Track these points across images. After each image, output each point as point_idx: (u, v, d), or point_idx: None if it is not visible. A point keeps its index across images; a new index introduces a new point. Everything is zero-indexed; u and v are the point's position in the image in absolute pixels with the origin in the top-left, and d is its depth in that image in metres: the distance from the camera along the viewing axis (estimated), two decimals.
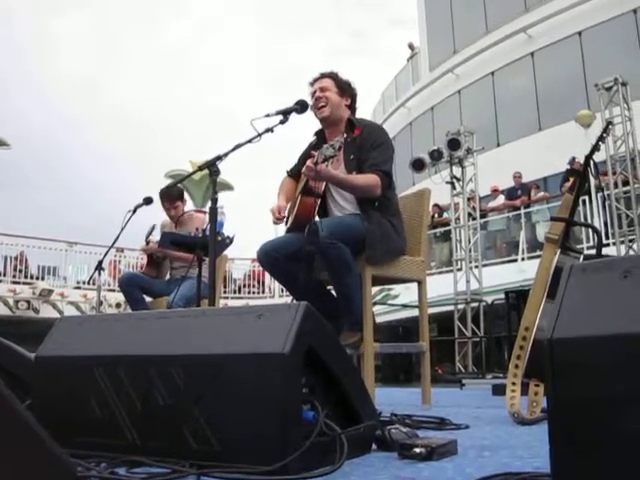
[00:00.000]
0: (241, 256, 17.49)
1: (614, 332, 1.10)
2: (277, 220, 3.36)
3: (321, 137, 3.49)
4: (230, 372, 1.54)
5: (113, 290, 13.71)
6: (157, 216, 5.38)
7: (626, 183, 8.62)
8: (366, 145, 3.29)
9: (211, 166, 2.70)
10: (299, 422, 1.51)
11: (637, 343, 1.07)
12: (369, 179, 3.20)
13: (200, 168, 2.83)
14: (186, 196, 5.43)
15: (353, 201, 3.33)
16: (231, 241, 3.73)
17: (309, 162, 3.05)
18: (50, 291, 15.09)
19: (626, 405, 1.06)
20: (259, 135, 2.73)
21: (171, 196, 5.05)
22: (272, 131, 2.77)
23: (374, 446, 1.86)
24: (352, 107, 3.51)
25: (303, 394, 1.58)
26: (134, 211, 4.68)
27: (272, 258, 3.26)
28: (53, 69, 67.37)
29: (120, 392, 1.69)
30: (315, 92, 3.42)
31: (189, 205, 5.32)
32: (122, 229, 4.74)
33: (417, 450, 1.67)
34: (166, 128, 68.07)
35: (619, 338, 1.09)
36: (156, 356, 1.68)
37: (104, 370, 1.73)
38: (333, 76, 3.47)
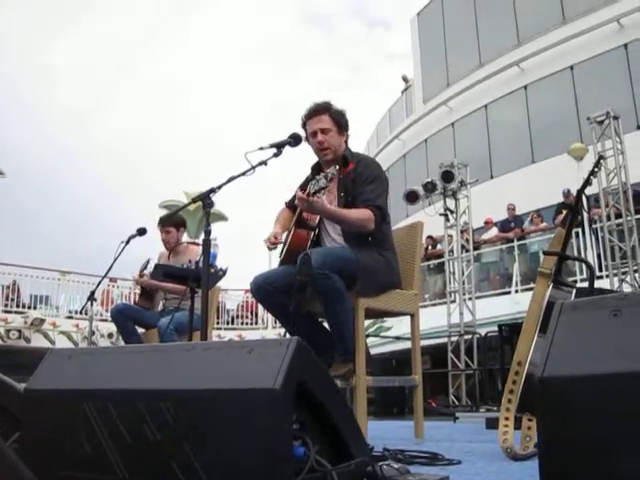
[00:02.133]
0: (234, 287, 17.47)
1: (604, 371, 1.10)
2: (272, 245, 3.34)
3: (317, 171, 3.43)
4: (220, 407, 1.53)
5: (105, 320, 13.59)
6: (150, 247, 5.41)
7: (619, 216, 8.67)
8: (360, 179, 3.29)
9: (205, 198, 2.71)
10: (290, 458, 1.50)
11: (626, 382, 1.07)
12: (362, 214, 3.18)
13: (194, 200, 2.83)
14: None
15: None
16: (224, 273, 3.74)
17: (300, 193, 3.04)
18: (42, 320, 14.96)
19: (616, 445, 1.06)
20: (253, 168, 2.73)
21: (175, 221, 5.19)
22: (266, 164, 2.78)
23: None
24: (347, 136, 3.49)
25: (294, 430, 1.57)
26: (127, 242, 4.69)
27: (265, 290, 3.25)
28: (49, 100, 67.86)
29: (109, 427, 1.67)
30: (316, 133, 3.34)
31: (183, 236, 5.36)
32: (115, 259, 4.75)
33: None
34: (161, 159, 68.51)
35: (609, 377, 1.09)
36: (146, 390, 1.67)
37: (94, 404, 1.71)
38: (330, 111, 3.38)
